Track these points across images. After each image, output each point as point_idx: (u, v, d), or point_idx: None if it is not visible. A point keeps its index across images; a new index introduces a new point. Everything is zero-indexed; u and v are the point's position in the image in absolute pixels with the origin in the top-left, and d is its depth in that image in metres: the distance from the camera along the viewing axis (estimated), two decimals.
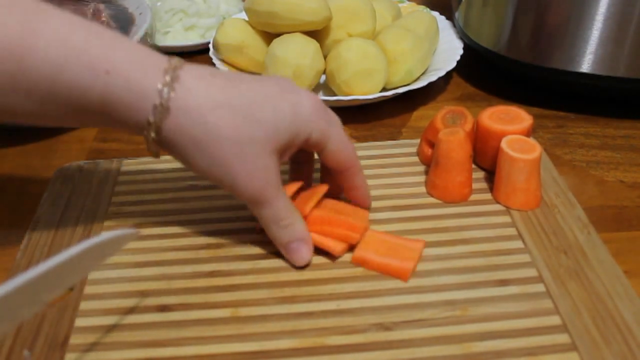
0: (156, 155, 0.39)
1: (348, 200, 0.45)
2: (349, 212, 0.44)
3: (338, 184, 0.45)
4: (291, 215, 0.41)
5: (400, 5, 0.73)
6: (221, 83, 0.37)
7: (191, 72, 0.37)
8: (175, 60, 0.37)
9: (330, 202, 0.44)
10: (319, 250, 0.42)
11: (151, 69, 0.36)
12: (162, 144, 0.38)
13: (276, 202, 0.40)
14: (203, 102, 0.36)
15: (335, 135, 0.41)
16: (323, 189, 0.44)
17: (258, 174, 0.38)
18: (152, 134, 0.36)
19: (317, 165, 0.47)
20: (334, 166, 0.42)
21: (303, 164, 0.46)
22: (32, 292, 0.29)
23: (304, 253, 0.41)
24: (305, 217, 0.42)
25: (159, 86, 0.35)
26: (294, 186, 0.43)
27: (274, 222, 0.40)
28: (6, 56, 0.33)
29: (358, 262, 0.42)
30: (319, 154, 0.42)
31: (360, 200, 0.45)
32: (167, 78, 0.36)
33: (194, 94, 0.36)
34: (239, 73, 0.39)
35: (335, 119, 0.42)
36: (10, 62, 0.33)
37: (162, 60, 0.37)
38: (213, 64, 0.64)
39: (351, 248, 0.42)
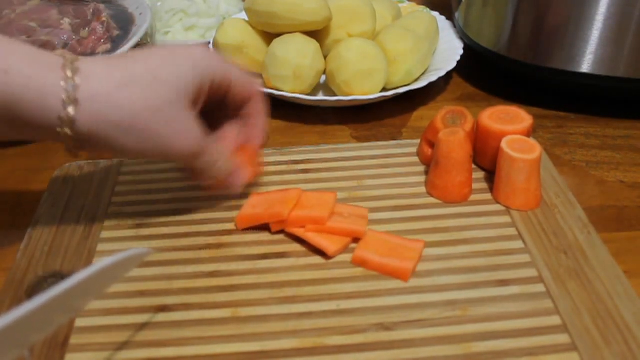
0: (76, 155, 0.39)
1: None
2: (349, 213, 0.44)
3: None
4: (222, 155, 0.43)
5: (400, 5, 0.73)
6: (117, 62, 0.38)
7: (87, 62, 0.37)
8: (69, 54, 0.38)
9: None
10: (317, 250, 0.42)
11: (50, 66, 0.36)
12: (80, 140, 0.37)
13: (209, 149, 0.42)
14: (109, 84, 0.37)
15: (235, 71, 0.43)
16: (296, 192, 0.45)
17: (187, 130, 0.40)
18: (67, 131, 0.36)
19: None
20: (240, 99, 0.44)
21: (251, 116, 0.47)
22: (46, 314, 0.29)
23: (242, 174, 0.45)
24: (284, 221, 0.43)
25: (62, 82, 0.36)
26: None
27: (210, 166, 0.42)
28: None
29: (358, 263, 0.42)
30: (226, 97, 0.43)
31: (259, 129, 0.46)
32: (68, 72, 0.36)
33: (97, 79, 0.37)
34: (132, 51, 0.41)
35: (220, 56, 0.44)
36: None
37: (58, 57, 0.37)
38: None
39: (349, 247, 0.43)
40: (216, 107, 0.45)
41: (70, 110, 0.36)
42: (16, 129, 0.37)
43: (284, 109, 0.60)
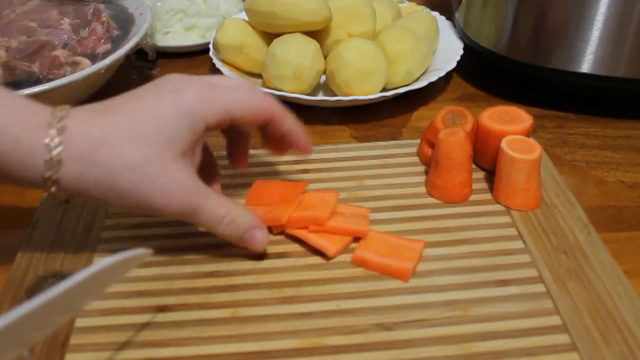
0: (66, 203, 0.38)
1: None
2: (352, 212, 0.44)
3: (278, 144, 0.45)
4: (231, 210, 0.39)
5: (400, 5, 0.73)
6: (100, 119, 0.37)
7: (75, 118, 0.37)
8: (59, 110, 0.37)
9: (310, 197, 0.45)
10: (317, 251, 0.42)
11: (37, 125, 0.36)
12: (67, 194, 0.37)
13: (206, 204, 0.38)
14: (90, 143, 0.36)
15: (236, 102, 0.40)
16: (301, 187, 0.45)
17: (171, 187, 0.37)
18: (53, 189, 0.36)
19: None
20: (254, 125, 0.42)
21: (238, 137, 0.46)
22: (46, 314, 0.29)
23: (260, 238, 0.41)
24: (283, 225, 0.43)
25: (46, 141, 0.35)
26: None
27: (216, 223, 0.39)
28: None
29: (358, 263, 0.42)
30: (234, 127, 0.42)
31: (298, 142, 0.44)
32: (52, 131, 0.35)
33: (78, 140, 0.36)
34: (120, 97, 0.39)
35: (233, 83, 0.41)
36: None
37: (47, 113, 0.36)
38: (213, 64, 0.64)
39: (348, 248, 0.43)
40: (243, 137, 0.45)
41: (54, 171, 0.36)
42: (3, 181, 0.37)
43: None
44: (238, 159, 0.47)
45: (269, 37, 0.62)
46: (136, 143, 0.37)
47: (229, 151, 0.47)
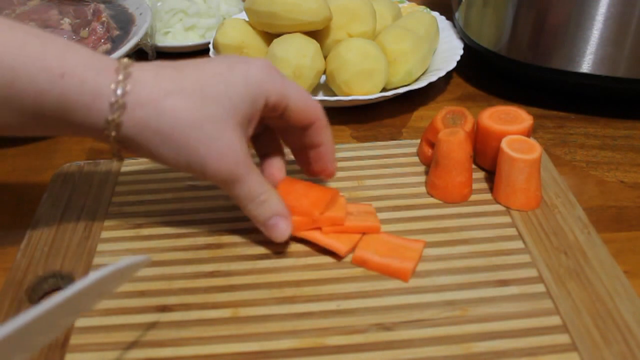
0: (119, 157, 0.39)
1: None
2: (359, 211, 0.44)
3: (307, 160, 0.45)
4: (266, 191, 0.40)
5: (400, 5, 0.73)
6: (170, 72, 0.38)
7: (141, 68, 0.38)
8: (125, 60, 0.38)
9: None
10: (323, 250, 0.42)
11: (104, 69, 0.36)
12: (124, 143, 0.38)
13: (249, 178, 0.39)
14: (156, 92, 0.37)
15: (293, 91, 0.41)
16: (332, 191, 0.44)
17: (225, 151, 0.38)
18: (113, 133, 0.37)
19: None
20: (299, 123, 0.42)
21: (272, 155, 0.46)
22: (51, 319, 0.29)
23: (283, 228, 0.41)
24: (315, 222, 0.42)
25: (113, 85, 0.36)
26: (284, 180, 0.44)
27: (249, 199, 0.40)
28: None
29: (358, 263, 0.42)
30: (283, 117, 0.41)
31: (326, 158, 0.44)
32: (120, 76, 0.36)
33: (146, 87, 0.37)
34: (187, 60, 0.40)
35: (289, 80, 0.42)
36: None
37: (113, 61, 0.37)
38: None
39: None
40: (278, 133, 0.45)
41: (117, 114, 0.36)
42: (61, 128, 0.38)
43: None
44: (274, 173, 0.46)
45: (269, 37, 0.62)
46: (204, 100, 0.37)
47: (262, 168, 0.46)
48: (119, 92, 0.36)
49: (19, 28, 0.36)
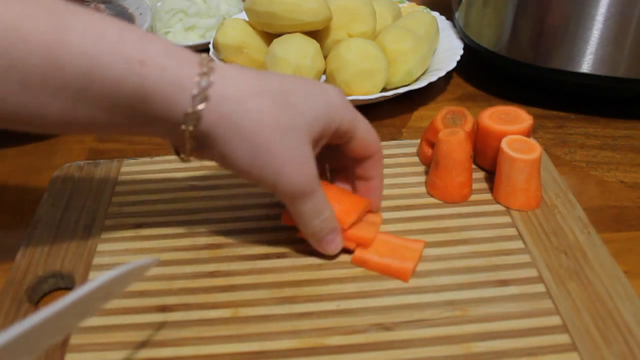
0: (186, 158, 0.38)
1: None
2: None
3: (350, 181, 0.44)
4: (329, 208, 0.40)
5: (400, 5, 0.73)
6: (254, 73, 0.37)
7: (223, 65, 0.37)
8: (206, 54, 0.36)
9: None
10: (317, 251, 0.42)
11: (186, 61, 0.35)
12: (199, 140, 0.36)
13: (319, 193, 0.39)
14: (242, 89, 0.36)
15: (362, 122, 0.41)
16: (366, 202, 0.43)
17: (303, 163, 0.37)
18: (190, 127, 0.35)
19: None
20: (361, 154, 0.42)
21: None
22: (55, 323, 0.29)
23: (338, 242, 0.41)
24: (344, 231, 0.42)
25: (196, 77, 0.35)
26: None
27: (315, 215, 0.39)
28: (38, 51, 0.32)
29: (358, 263, 0.42)
30: (344, 145, 0.41)
31: (373, 193, 0.44)
32: (204, 69, 0.35)
33: (232, 82, 0.36)
34: (266, 70, 0.40)
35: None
36: (41, 57, 0.32)
37: (195, 54, 0.36)
38: None
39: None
40: (333, 159, 0.44)
41: (200, 106, 0.34)
42: (135, 123, 0.36)
43: None
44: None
45: (269, 37, 0.62)
46: (289, 107, 0.36)
47: None
48: (203, 83, 0.34)
49: (97, 16, 0.34)
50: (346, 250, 0.42)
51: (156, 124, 0.36)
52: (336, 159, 0.45)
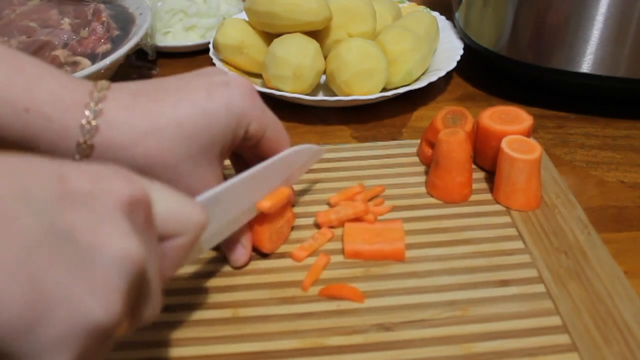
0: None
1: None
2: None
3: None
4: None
5: (400, 5, 0.73)
6: (145, 106, 0.36)
7: (115, 101, 0.35)
8: (98, 90, 0.35)
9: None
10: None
11: (73, 105, 0.34)
12: None
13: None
14: (127, 136, 0.35)
15: (272, 122, 0.40)
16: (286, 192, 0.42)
17: (197, 187, 0.36)
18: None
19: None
20: (271, 152, 0.41)
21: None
22: (245, 192, 0.37)
23: (239, 254, 0.41)
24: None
25: (82, 123, 0.34)
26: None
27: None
28: None
29: (352, 256, 0.42)
30: (252, 146, 0.40)
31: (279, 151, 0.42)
32: (90, 114, 0.34)
33: (117, 128, 0.35)
34: (164, 81, 0.38)
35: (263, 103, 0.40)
36: None
37: (85, 93, 0.35)
38: (213, 64, 0.64)
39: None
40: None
41: (85, 154, 0.34)
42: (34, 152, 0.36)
43: (284, 109, 0.60)
44: None
45: (269, 37, 0.62)
46: (180, 140, 0.36)
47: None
48: (86, 133, 0.34)
49: None
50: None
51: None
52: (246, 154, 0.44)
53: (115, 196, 0.25)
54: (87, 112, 0.34)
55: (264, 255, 0.42)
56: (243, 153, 0.43)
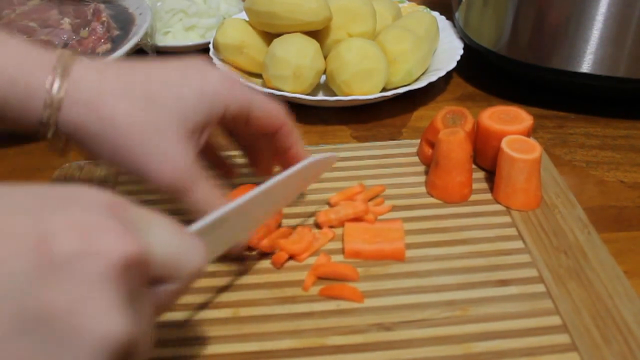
0: (61, 153, 0.37)
1: None
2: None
3: (268, 162, 0.45)
4: (216, 202, 0.37)
5: (400, 5, 0.73)
6: (116, 72, 0.36)
7: (83, 64, 0.36)
8: (67, 54, 0.36)
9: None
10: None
11: (39, 66, 0.35)
12: (64, 142, 0.36)
13: (197, 188, 0.37)
14: (95, 93, 0.35)
15: (257, 100, 0.40)
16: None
17: (169, 160, 0.36)
18: (48, 133, 0.35)
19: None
20: (264, 129, 0.41)
21: (260, 150, 0.45)
22: (259, 206, 0.36)
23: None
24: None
25: (47, 84, 0.34)
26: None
27: (200, 210, 0.37)
28: None
29: (352, 256, 0.42)
30: (246, 125, 0.40)
31: (298, 161, 0.42)
32: (56, 74, 0.34)
33: (85, 86, 0.35)
34: (140, 61, 0.38)
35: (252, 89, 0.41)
36: None
37: (52, 56, 0.35)
38: (213, 64, 0.64)
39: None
40: (244, 137, 0.43)
41: (52, 114, 0.34)
42: (3, 123, 0.36)
43: None
44: (261, 167, 0.46)
45: (269, 37, 0.62)
46: (148, 105, 0.35)
47: (251, 161, 0.46)
48: (53, 92, 0.34)
49: None
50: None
51: (22, 126, 0.36)
52: (247, 137, 0.44)
53: (106, 259, 0.22)
54: (54, 72, 0.34)
55: (265, 255, 0.42)
56: (245, 138, 0.44)
